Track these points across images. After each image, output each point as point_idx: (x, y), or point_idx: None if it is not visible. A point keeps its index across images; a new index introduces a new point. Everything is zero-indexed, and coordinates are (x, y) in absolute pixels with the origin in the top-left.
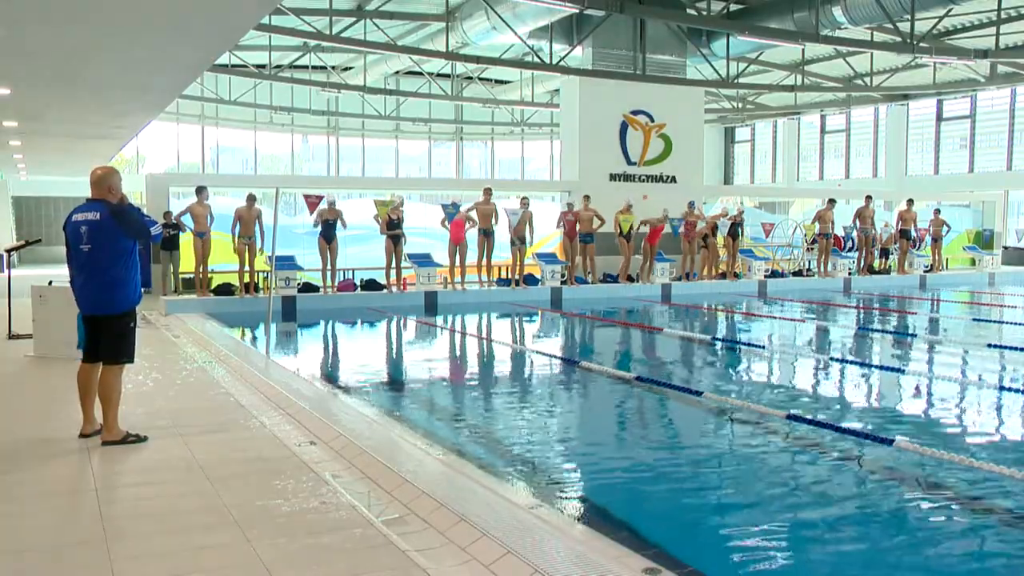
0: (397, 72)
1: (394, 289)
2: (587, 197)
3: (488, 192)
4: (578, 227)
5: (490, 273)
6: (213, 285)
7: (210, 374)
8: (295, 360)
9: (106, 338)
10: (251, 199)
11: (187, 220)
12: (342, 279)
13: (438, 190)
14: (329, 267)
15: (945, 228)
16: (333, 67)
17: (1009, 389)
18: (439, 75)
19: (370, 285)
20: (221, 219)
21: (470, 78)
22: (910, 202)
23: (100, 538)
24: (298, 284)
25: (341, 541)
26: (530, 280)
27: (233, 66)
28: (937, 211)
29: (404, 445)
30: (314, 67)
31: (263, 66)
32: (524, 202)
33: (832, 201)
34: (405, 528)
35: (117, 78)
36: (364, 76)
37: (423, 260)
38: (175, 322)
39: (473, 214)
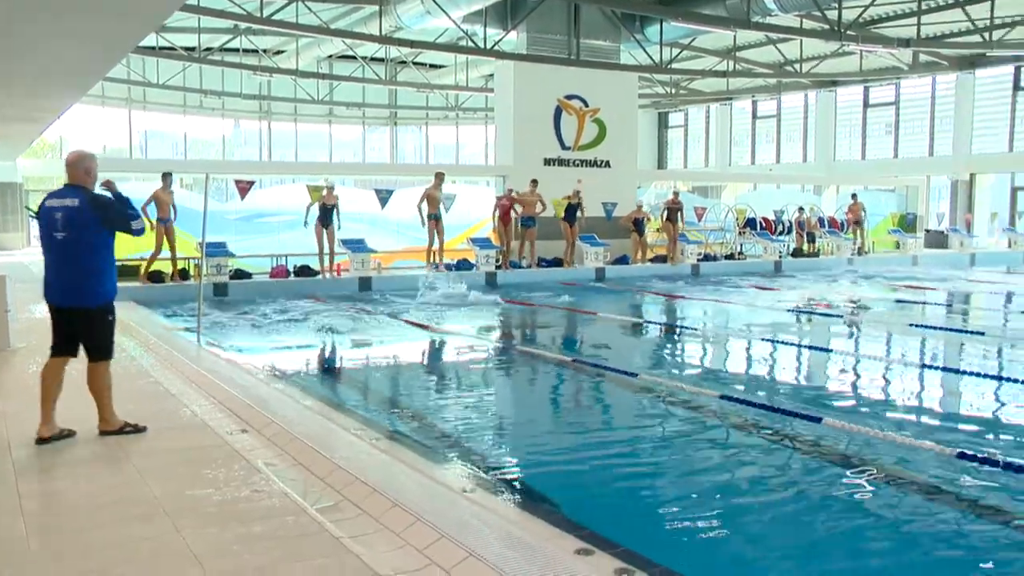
0: (330, 56)
1: (328, 275)
2: (534, 181)
3: (440, 177)
4: (521, 210)
5: (440, 257)
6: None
7: (139, 363)
8: (227, 348)
9: (86, 334)
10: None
11: (151, 209)
12: (276, 264)
13: (372, 175)
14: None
15: (863, 213)
16: (265, 50)
17: (931, 367)
18: (373, 59)
19: (303, 271)
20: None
21: (404, 62)
22: (854, 196)
23: (21, 535)
24: (230, 271)
25: (273, 529)
26: (464, 265)
27: (161, 48)
28: (854, 196)
29: (338, 431)
30: (245, 50)
31: (192, 49)
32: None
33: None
34: (339, 515)
35: (34, 57)
36: (296, 60)
37: (357, 245)
38: None
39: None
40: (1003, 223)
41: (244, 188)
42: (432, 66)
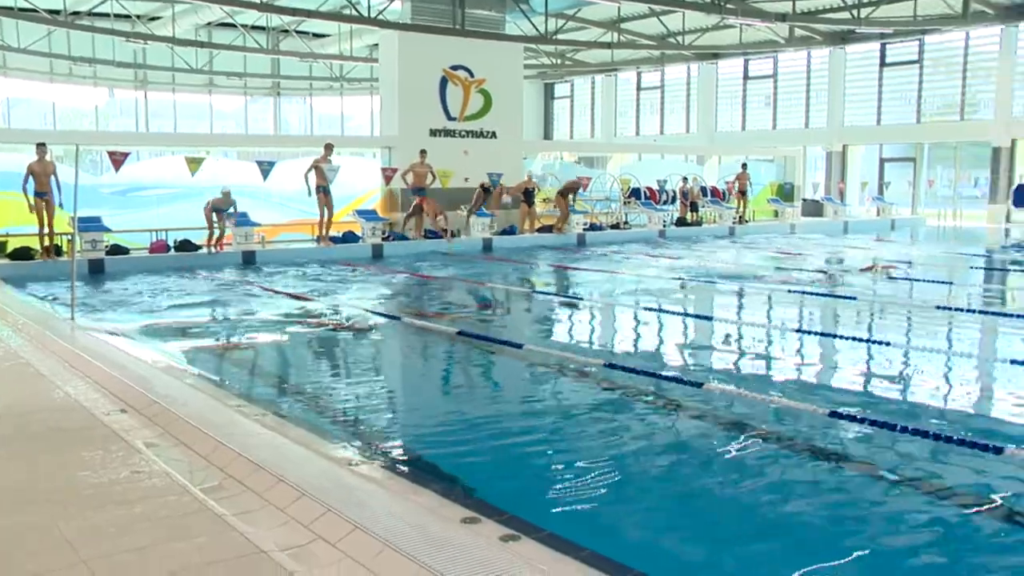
0: (209, 24)
1: (212, 249)
2: (423, 152)
3: (328, 148)
4: (411, 181)
5: (328, 230)
6: (9, 249)
7: (6, 344)
8: (104, 326)
9: None
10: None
11: (30, 186)
12: (155, 239)
13: (255, 147)
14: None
15: (749, 183)
16: (138, 16)
17: (807, 332)
18: (254, 28)
19: (184, 246)
20: (10, 177)
21: (286, 31)
22: (744, 166)
23: None
24: (106, 246)
25: (154, 510)
26: (350, 237)
27: (21, 9)
28: (744, 166)
29: (221, 408)
30: (117, 15)
31: (57, 12)
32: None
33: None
34: (222, 493)
35: None
36: (173, 27)
37: (240, 219)
38: None
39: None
40: (872, 192)
41: (118, 160)
42: (316, 35)
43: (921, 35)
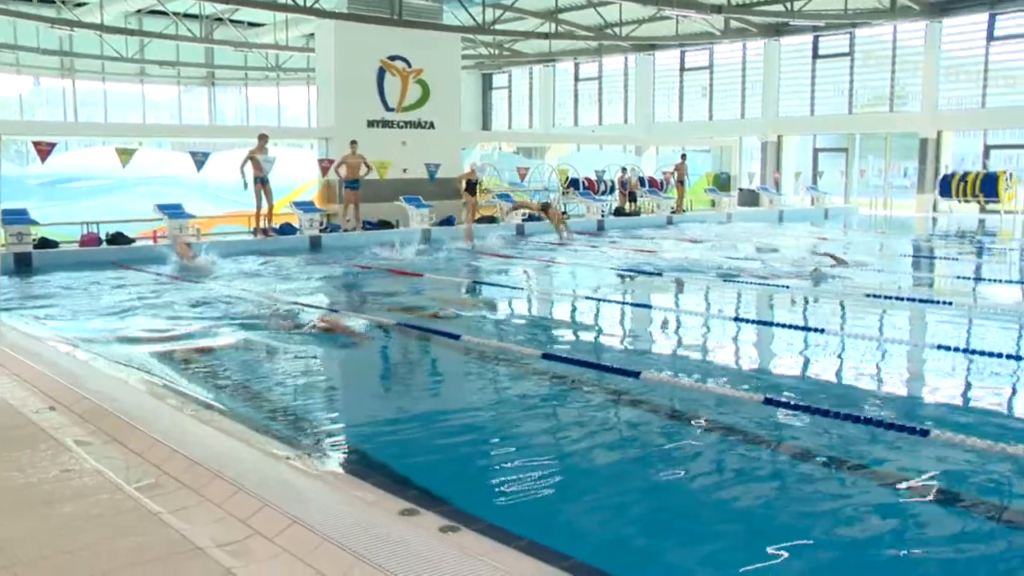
0: (139, 11)
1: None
2: (354, 143)
3: (263, 139)
4: (344, 173)
5: (270, 221)
6: None
7: None
8: (31, 321)
9: None
10: None
11: None
12: (86, 232)
13: (190, 137)
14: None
15: (687, 174)
16: (64, 1)
17: (745, 320)
18: (187, 15)
19: (116, 239)
20: None
21: (220, 19)
22: (683, 156)
23: None
24: (34, 240)
25: (85, 509)
26: (288, 229)
27: None
28: (683, 156)
29: (155, 404)
30: (40, 0)
31: None
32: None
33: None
34: (158, 490)
35: None
36: (101, 13)
37: (174, 211)
38: None
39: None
40: (807, 182)
41: (44, 151)
42: (251, 24)
43: (852, 28)
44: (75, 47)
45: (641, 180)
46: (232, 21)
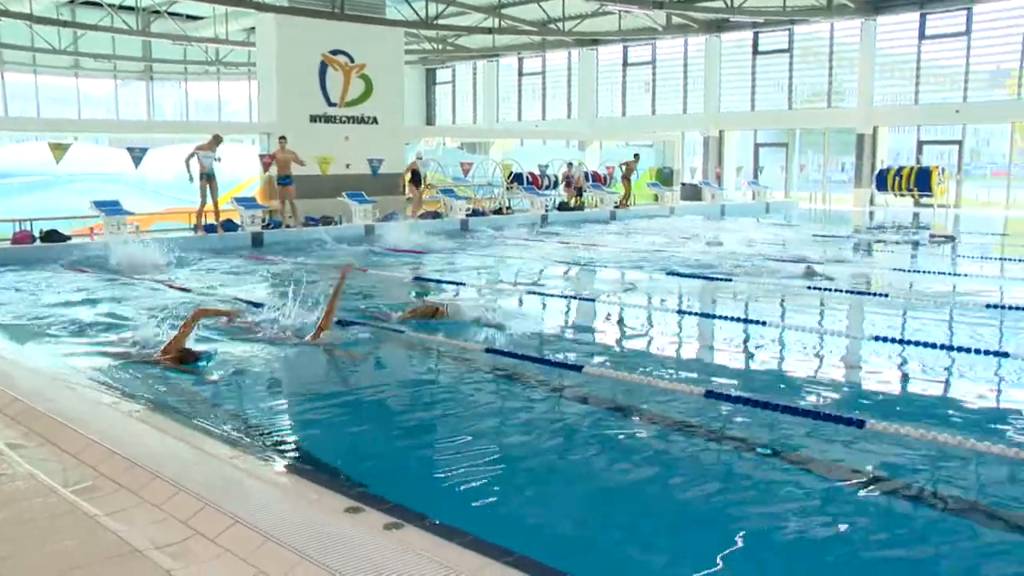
0: (72, 1)
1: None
2: (283, 139)
3: (216, 139)
4: (276, 170)
5: (217, 217)
6: None
7: None
8: None
9: None
10: None
11: None
12: (18, 230)
13: (127, 133)
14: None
15: (636, 171)
16: None
17: (686, 312)
18: (122, 7)
19: (51, 236)
20: None
21: (157, 12)
22: (636, 156)
23: None
24: None
25: (18, 514)
26: (229, 226)
27: None
28: (636, 156)
29: (91, 405)
30: None
31: None
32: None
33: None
34: (94, 493)
35: None
36: (30, 3)
37: (112, 208)
38: None
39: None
40: (748, 176)
41: None
42: (189, 17)
43: (790, 25)
44: (3, 38)
45: (586, 175)
46: (170, 14)
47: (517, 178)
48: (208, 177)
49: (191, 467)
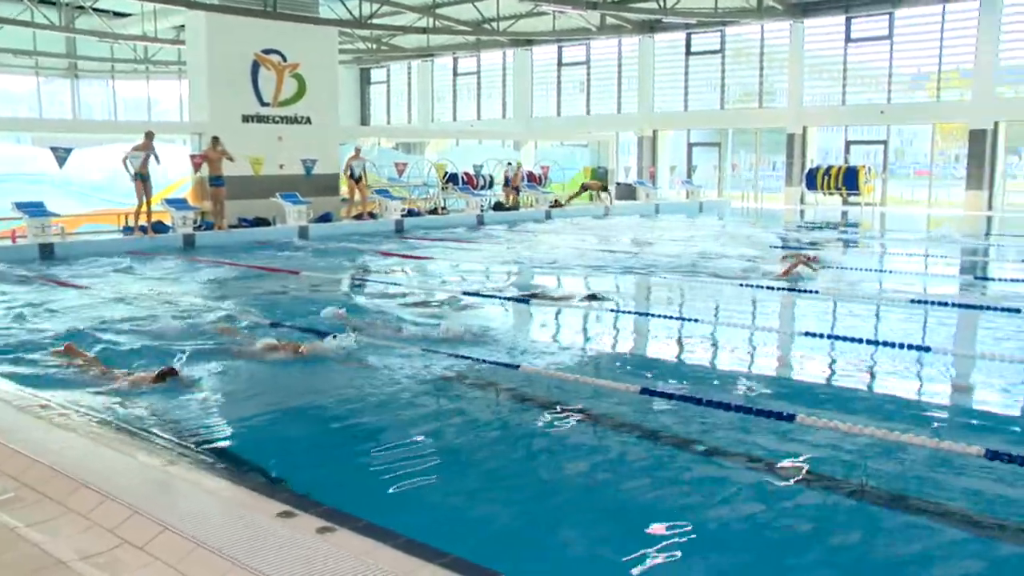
0: None
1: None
2: (215, 138)
3: (150, 136)
4: (208, 170)
5: (149, 218)
6: None
7: None
8: None
9: None
10: None
11: None
12: None
13: (51, 132)
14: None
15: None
16: None
17: (620, 311)
18: (43, 2)
19: None
20: None
21: (82, 8)
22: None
23: None
24: None
25: None
26: (160, 227)
27: None
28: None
29: (11, 411)
30: None
31: None
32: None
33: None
34: (15, 504)
35: None
36: None
37: (35, 209)
38: None
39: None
40: (681, 175)
41: None
42: (116, 14)
43: (722, 26)
44: None
45: (523, 175)
46: (95, 10)
47: (452, 178)
48: (141, 178)
49: (119, 474)
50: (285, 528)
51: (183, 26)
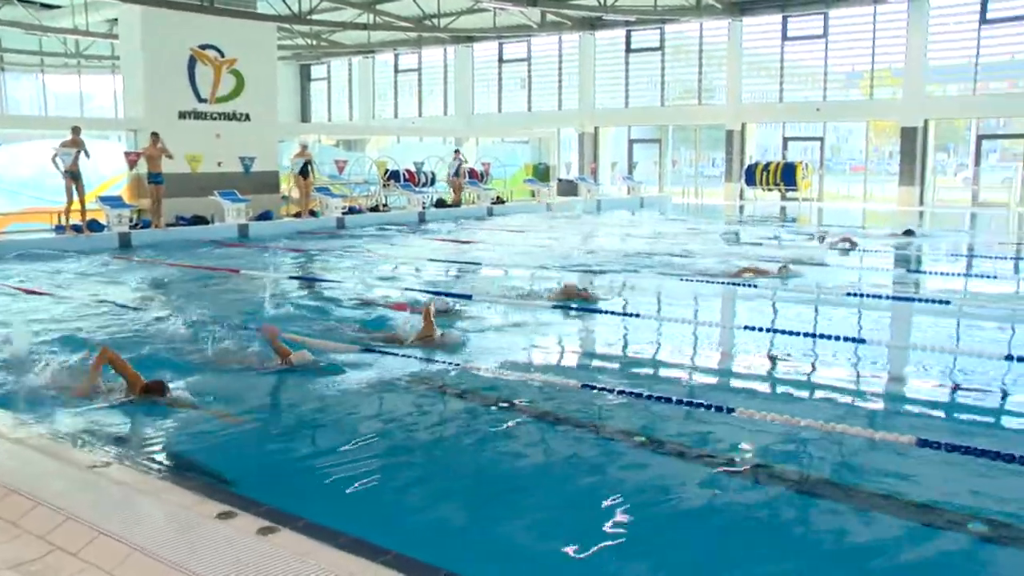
0: None
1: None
2: (155, 135)
3: (76, 130)
4: (147, 167)
5: (83, 217)
6: None
7: None
8: None
9: None
10: None
11: None
12: None
13: None
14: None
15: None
16: None
17: (566, 308)
18: None
19: None
20: None
21: None
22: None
23: None
24: None
25: None
26: (95, 226)
27: None
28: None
29: None
30: None
31: None
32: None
33: None
34: None
35: None
36: None
37: None
38: None
39: None
40: (623, 172)
41: None
42: (44, 6)
43: (661, 24)
44: None
45: (467, 172)
46: (21, 1)
47: (393, 175)
48: (72, 175)
49: (50, 479)
50: (225, 529)
51: (116, 19)
